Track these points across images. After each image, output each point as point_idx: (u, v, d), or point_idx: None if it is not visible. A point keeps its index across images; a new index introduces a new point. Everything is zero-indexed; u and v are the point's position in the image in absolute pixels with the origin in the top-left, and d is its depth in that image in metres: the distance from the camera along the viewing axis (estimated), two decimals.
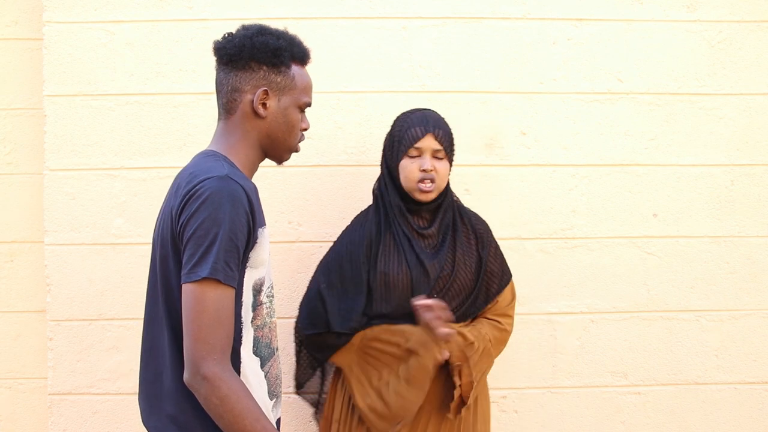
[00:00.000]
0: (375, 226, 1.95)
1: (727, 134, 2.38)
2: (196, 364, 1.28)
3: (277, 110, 1.48)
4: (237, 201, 1.33)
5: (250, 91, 1.45)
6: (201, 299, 1.29)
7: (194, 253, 1.30)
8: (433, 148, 1.89)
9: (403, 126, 1.93)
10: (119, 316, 2.29)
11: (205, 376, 1.28)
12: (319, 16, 2.31)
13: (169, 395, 1.38)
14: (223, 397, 1.28)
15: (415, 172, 1.88)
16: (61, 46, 2.28)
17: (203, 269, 1.29)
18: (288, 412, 2.32)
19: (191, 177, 1.37)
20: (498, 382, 2.33)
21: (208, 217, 1.31)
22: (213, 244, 1.30)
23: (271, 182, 2.30)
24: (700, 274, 2.37)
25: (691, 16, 2.36)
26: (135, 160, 2.29)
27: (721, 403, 2.38)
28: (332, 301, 1.91)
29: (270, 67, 1.46)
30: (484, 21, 2.33)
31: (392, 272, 1.89)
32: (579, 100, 2.35)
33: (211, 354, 1.28)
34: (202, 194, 1.32)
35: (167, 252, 1.39)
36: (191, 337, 1.29)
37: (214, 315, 1.29)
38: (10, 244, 2.40)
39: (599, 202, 2.35)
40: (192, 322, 1.29)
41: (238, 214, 1.33)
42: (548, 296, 2.35)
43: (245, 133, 1.47)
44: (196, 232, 1.31)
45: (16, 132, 2.40)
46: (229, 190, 1.33)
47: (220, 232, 1.30)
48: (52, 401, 2.30)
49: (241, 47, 1.44)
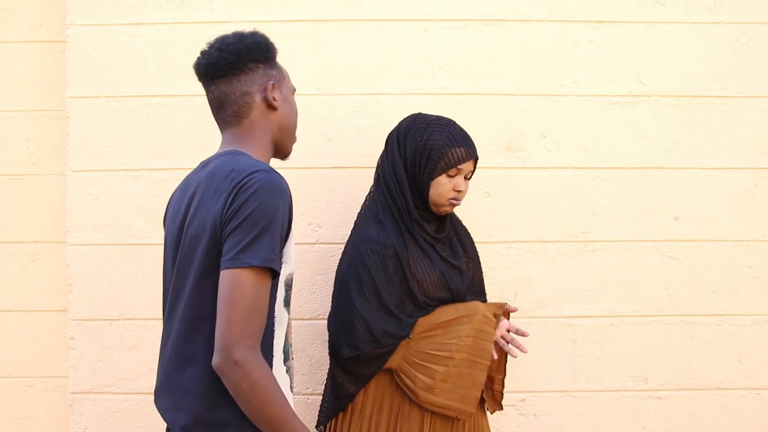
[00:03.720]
0: (397, 234, 1.91)
1: (750, 137, 2.35)
2: (228, 348, 1.28)
3: (282, 100, 1.54)
4: (285, 194, 1.37)
5: (259, 90, 1.50)
6: (242, 285, 1.29)
7: (241, 239, 1.31)
8: (470, 170, 1.94)
9: (445, 142, 1.88)
10: (140, 316, 2.31)
11: (237, 360, 1.28)
12: (339, 18, 2.31)
13: (196, 390, 1.38)
14: (253, 383, 1.29)
15: (450, 191, 1.91)
16: (85, 48, 2.30)
17: (251, 256, 1.30)
18: (308, 413, 2.32)
19: (234, 173, 1.37)
20: (517, 386, 2.32)
21: (258, 207, 1.32)
22: (262, 233, 1.31)
23: (291, 184, 2.26)
24: (722, 278, 2.35)
25: (714, 17, 2.34)
26: (156, 161, 2.31)
27: (743, 409, 2.35)
28: (374, 315, 1.85)
29: (265, 63, 1.52)
30: (505, 23, 2.32)
31: (428, 277, 1.91)
32: (600, 102, 2.34)
33: (244, 340, 1.28)
34: (253, 185, 1.33)
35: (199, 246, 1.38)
36: (226, 321, 1.29)
37: (254, 302, 1.30)
38: (33, 244, 2.43)
39: (620, 205, 2.34)
40: (229, 306, 1.29)
41: (285, 207, 1.36)
42: (568, 299, 2.34)
43: (262, 131, 1.52)
44: (246, 220, 1.31)
45: (40, 133, 2.42)
46: (278, 182, 1.37)
47: (270, 222, 1.32)
48: (73, 400, 2.32)
49: (238, 52, 1.48)
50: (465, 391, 1.87)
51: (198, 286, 1.39)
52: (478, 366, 1.88)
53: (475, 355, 1.88)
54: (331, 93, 2.32)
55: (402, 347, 1.87)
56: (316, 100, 2.30)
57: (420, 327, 1.88)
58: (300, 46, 2.30)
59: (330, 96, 2.31)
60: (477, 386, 1.88)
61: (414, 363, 1.86)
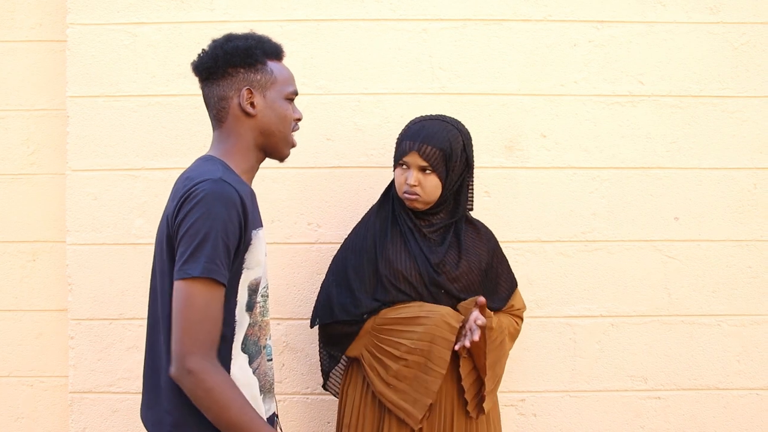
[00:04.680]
0: (381, 221, 2.00)
1: (750, 137, 2.35)
2: (181, 358, 1.33)
3: (264, 106, 1.52)
4: (229, 202, 1.38)
5: (235, 95, 1.51)
6: (190, 295, 1.34)
7: (185, 251, 1.35)
8: (419, 164, 1.91)
9: (401, 135, 1.99)
10: (139, 316, 2.31)
11: (190, 369, 1.32)
12: (340, 18, 2.31)
13: (165, 391, 1.43)
14: (208, 390, 1.33)
15: (402, 184, 1.95)
16: (84, 47, 2.30)
17: (193, 267, 1.33)
18: (307, 413, 2.33)
19: (187, 181, 1.43)
20: (517, 385, 2.32)
21: (200, 217, 1.35)
22: (203, 242, 1.34)
23: (291, 184, 2.31)
24: (721, 278, 2.35)
25: (713, 18, 2.34)
26: (156, 160, 2.31)
27: (742, 409, 2.36)
28: (339, 291, 1.96)
29: (247, 68, 1.51)
30: (505, 23, 2.32)
31: (400, 261, 1.93)
32: (600, 102, 2.34)
33: (196, 349, 1.33)
34: (196, 196, 1.37)
35: (164, 254, 1.44)
36: (179, 332, 1.33)
37: (203, 311, 1.34)
38: (33, 244, 2.43)
39: (620, 205, 2.34)
40: (180, 317, 1.34)
41: (230, 215, 1.38)
42: (568, 299, 2.34)
43: (239, 136, 1.52)
44: (188, 231, 1.36)
45: (39, 133, 2.42)
46: (222, 191, 1.38)
47: (210, 231, 1.35)
48: (72, 399, 2.32)
49: (215, 57, 1.50)
50: (417, 395, 1.85)
51: (163, 292, 1.45)
52: (432, 373, 1.85)
53: (432, 362, 1.85)
54: (331, 92, 2.32)
55: (363, 336, 1.92)
56: (315, 100, 2.30)
57: (382, 318, 1.91)
58: (300, 45, 2.30)
59: (330, 95, 2.31)
60: (429, 394, 1.85)
61: (373, 354, 1.90)
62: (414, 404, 1.85)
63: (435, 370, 1.84)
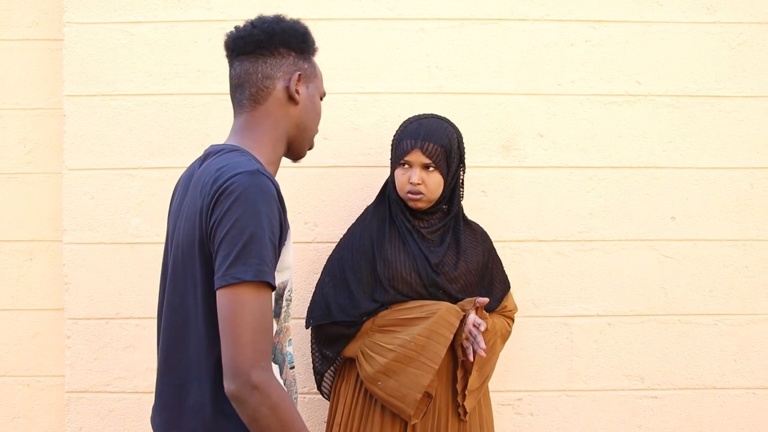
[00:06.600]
0: (378, 221, 2.00)
1: (747, 137, 2.36)
2: (245, 373, 1.17)
3: (307, 97, 1.43)
4: (270, 196, 1.25)
5: (283, 78, 1.39)
6: (243, 302, 1.19)
7: (229, 253, 1.20)
8: (422, 162, 1.91)
9: (398, 135, 1.98)
10: (136, 315, 2.30)
11: (256, 384, 1.18)
12: (337, 16, 2.31)
13: (195, 411, 1.29)
14: (273, 406, 1.19)
15: (405, 184, 1.94)
16: (81, 46, 2.29)
17: (243, 271, 1.19)
18: (304, 412, 2.32)
19: (219, 173, 1.27)
20: (513, 385, 2.32)
21: (242, 215, 1.21)
22: (251, 242, 1.20)
23: (288, 183, 2.30)
24: (718, 278, 2.35)
25: (710, 17, 2.35)
26: (153, 159, 2.30)
27: (739, 409, 2.36)
28: (337, 291, 1.95)
29: (298, 54, 1.42)
30: (502, 22, 2.32)
31: (398, 262, 1.93)
32: (597, 102, 2.34)
33: (260, 361, 1.19)
34: (234, 191, 1.23)
35: (196, 257, 1.29)
36: (237, 344, 1.18)
37: (260, 319, 1.20)
38: (29, 243, 2.42)
39: (617, 205, 2.34)
40: (236, 328, 1.18)
41: (272, 211, 1.25)
42: (564, 299, 2.34)
43: (275, 123, 1.40)
44: (230, 231, 1.21)
45: (36, 132, 2.42)
46: (262, 185, 1.25)
47: (257, 230, 1.21)
48: (69, 399, 2.32)
49: (271, 33, 1.38)
50: (406, 390, 1.84)
51: (196, 299, 1.30)
52: (424, 368, 1.83)
53: (425, 356, 1.83)
54: (328, 92, 2.29)
55: (360, 337, 1.92)
56: None
57: (381, 320, 1.91)
58: None
59: (327, 95, 2.30)
60: (418, 388, 1.83)
61: (366, 353, 1.90)
62: (403, 399, 1.84)
63: (427, 365, 1.83)
